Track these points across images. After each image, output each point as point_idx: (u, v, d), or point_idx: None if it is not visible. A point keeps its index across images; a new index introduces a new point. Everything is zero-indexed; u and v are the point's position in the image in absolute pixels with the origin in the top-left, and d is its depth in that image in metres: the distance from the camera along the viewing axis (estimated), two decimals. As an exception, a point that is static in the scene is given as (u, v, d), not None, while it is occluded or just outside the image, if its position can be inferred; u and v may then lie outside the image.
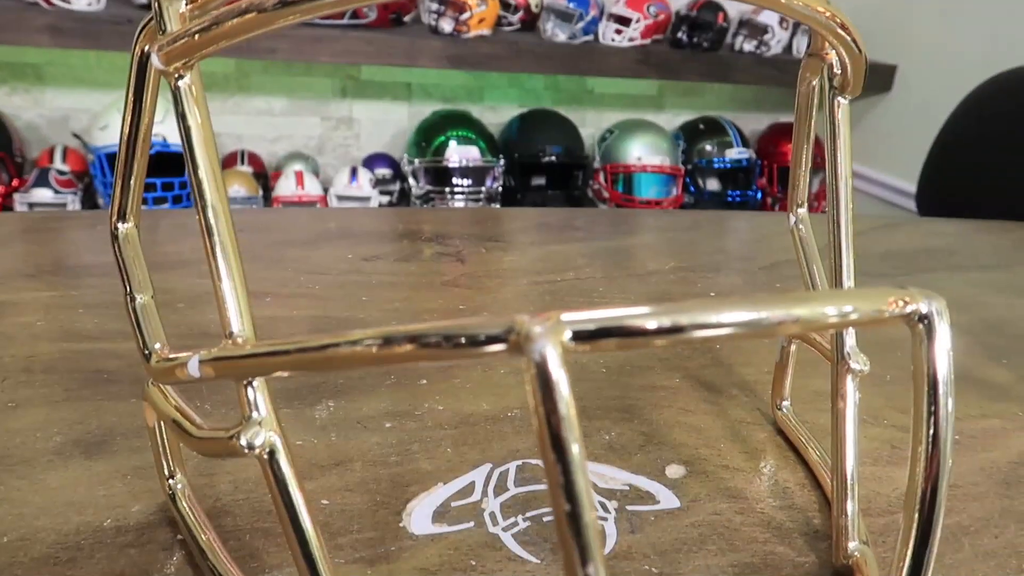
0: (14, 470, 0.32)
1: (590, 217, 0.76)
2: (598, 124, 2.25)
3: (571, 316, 0.18)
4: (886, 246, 0.71)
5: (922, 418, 0.22)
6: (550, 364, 0.18)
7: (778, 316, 0.19)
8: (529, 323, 0.18)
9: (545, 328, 0.18)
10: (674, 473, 0.36)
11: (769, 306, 0.20)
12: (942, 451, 0.22)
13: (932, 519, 0.23)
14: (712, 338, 0.20)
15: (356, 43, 1.75)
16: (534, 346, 0.18)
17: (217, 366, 0.24)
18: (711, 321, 0.19)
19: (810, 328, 0.21)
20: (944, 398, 0.22)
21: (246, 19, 0.22)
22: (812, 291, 0.23)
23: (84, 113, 1.90)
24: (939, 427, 0.22)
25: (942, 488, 0.22)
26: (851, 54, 0.30)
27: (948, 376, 0.22)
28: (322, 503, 0.32)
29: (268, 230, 0.62)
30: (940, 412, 0.22)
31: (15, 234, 0.60)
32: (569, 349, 0.18)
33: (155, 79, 0.27)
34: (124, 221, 0.28)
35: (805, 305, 0.21)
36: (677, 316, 0.19)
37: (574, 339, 0.18)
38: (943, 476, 0.22)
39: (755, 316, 0.19)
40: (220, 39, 0.23)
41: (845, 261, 0.33)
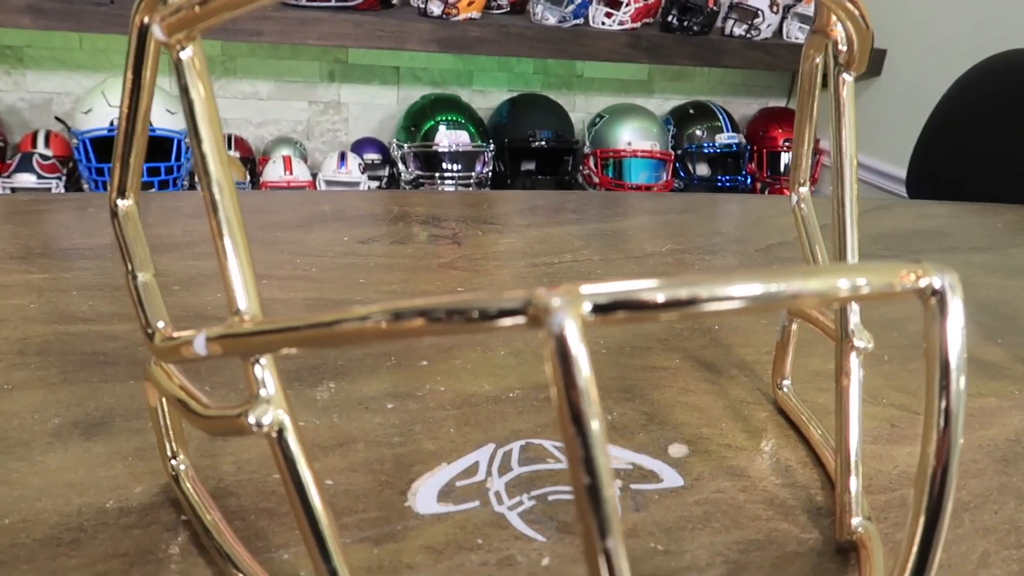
0: (12, 452, 0.32)
1: (582, 200, 0.76)
2: (588, 109, 2.24)
3: (590, 289, 0.18)
4: (879, 228, 0.71)
5: (934, 394, 0.22)
6: (569, 337, 0.17)
7: (794, 289, 0.19)
8: (547, 296, 0.18)
9: (564, 301, 0.18)
10: (677, 452, 0.36)
11: (784, 279, 0.20)
12: (954, 426, 0.22)
13: (943, 494, 0.23)
14: (728, 311, 0.20)
15: (344, 25, 1.74)
16: (553, 319, 0.17)
17: (225, 343, 0.23)
18: (728, 294, 0.19)
19: (825, 301, 0.21)
20: (957, 373, 0.22)
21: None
22: (825, 265, 0.23)
23: (67, 96, 1.87)
24: (951, 402, 0.22)
25: (953, 463, 0.22)
26: (858, 29, 0.30)
27: (961, 351, 0.22)
28: (327, 483, 0.32)
29: (261, 212, 0.61)
30: (952, 387, 0.22)
31: (3, 216, 0.59)
32: (588, 322, 0.18)
33: (155, 52, 0.26)
34: (124, 198, 0.28)
35: (819, 278, 0.21)
36: (695, 288, 0.19)
37: (593, 312, 0.18)
38: (954, 451, 0.22)
39: (771, 288, 0.19)
40: (223, 10, 0.22)
41: (850, 239, 0.33)
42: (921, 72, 1.89)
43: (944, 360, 0.22)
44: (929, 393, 0.22)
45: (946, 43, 1.82)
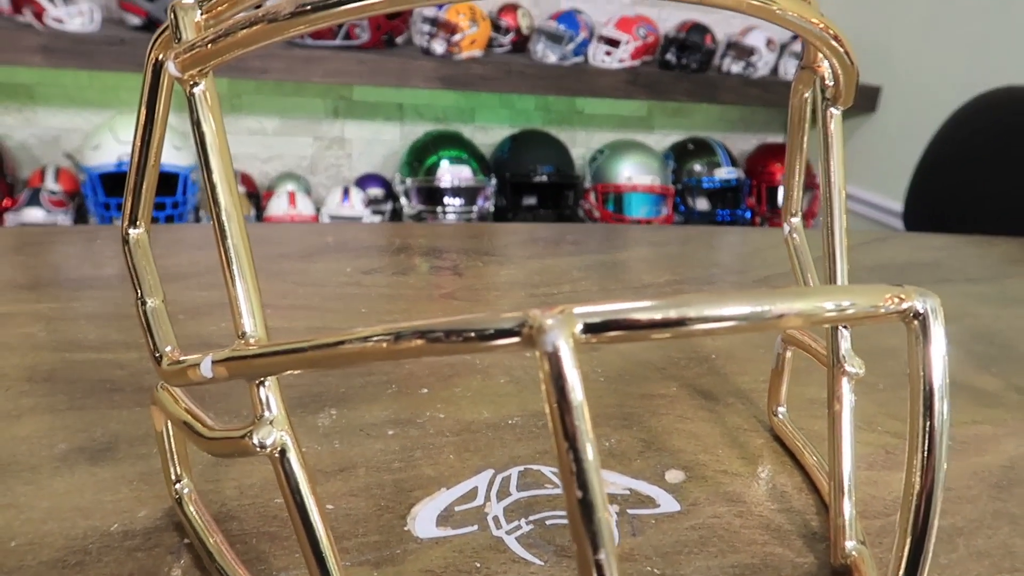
0: (20, 476, 0.33)
1: (581, 232, 0.77)
2: (588, 144, 2.27)
3: (582, 309, 0.19)
4: (876, 259, 0.72)
5: (918, 417, 0.23)
6: (563, 355, 0.18)
7: (780, 309, 0.20)
8: (541, 316, 0.19)
9: (557, 321, 0.18)
10: (674, 478, 0.37)
11: (771, 300, 0.21)
12: (938, 449, 0.23)
13: (928, 516, 0.23)
14: (718, 330, 0.21)
15: (348, 63, 1.77)
16: (546, 338, 0.18)
17: (230, 366, 0.24)
18: (716, 314, 0.20)
19: (812, 321, 0.21)
20: (940, 396, 0.23)
21: (259, 28, 0.23)
22: (812, 287, 0.24)
23: (76, 133, 1.90)
24: (935, 425, 0.23)
25: (938, 486, 0.23)
26: (843, 65, 0.31)
27: (944, 374, 0.23)
28: (327, 508, 0.32)
29: (266, 243, 0.62)
30: (935, 410, 0.23)
31: (12, 247, 0.60)
32: (580, 341, 0.19)
33: (168, 87, 0.27)
34: (135, 227, 0.29)
35: (807, 299, 0.22)
36: (684, 309, 0.20)
37: (585, 331, 0.19)
38: (939, 474, 0.23)
39: (758, 309, 0.20)
40: (234, 47, 0.24)
41: (840, 267, 0.34)
42: (915, 108, 1.92)
43: (927, 383, 0.23)
44: (913, 416, 0.23)
45: (939, 80, 1.85)
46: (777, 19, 0.26)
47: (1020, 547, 0.34)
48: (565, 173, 2.11)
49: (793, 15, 0.26)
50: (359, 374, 0.43)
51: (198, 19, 0.25)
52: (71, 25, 1.60)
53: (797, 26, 0.27)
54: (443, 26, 1.84)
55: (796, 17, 0.27)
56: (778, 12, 0.26)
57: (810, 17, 0.27)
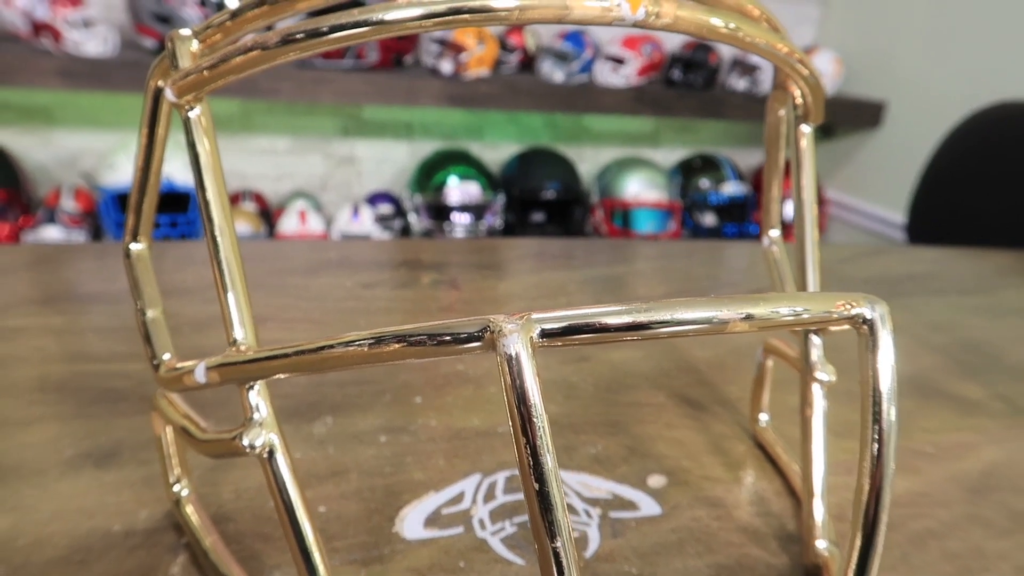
0: (29, 480, 0.34)
1: (582, 247, 0.78)
2: (596, 161, 2.29)
3: (540, 315, 0.20)
4: (870, 272, 0.73)
5: (868, 421, 0.24)
6: (520, 358, 0.20)
7: (732, 314, 0.22)
8: (502, 322, 0.20)
9: (516, 326, 0.20)
10: (656, 483, 0.38)
11: (726, 305, 0.22)
12: (886, 451, 0.24)
13: (877, 513, 0.24)
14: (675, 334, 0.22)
15: (357, 84, 1.80)
16: (506, 341, 0.20)
17: (222, 371, 0.26)
18: (670, 318, 0.21)
19: (765, 326, 0.23)
20: (888, 400, 0.24)
21: (251, 56, 0.24)
22: (767, 294, 0.25)
23: (92, 153, 1.94)
24: (883, 428, 0.24)
25: (886, 485, 0.24)
26: (810, 86, 0.32)
27: (892, 379, 0.24)
28: (319, 510, 0.34)
29: (271, 259, 0.64)
30: (883, 414, 0.24)
31: (27, 264, 0.62)
32: (538, 345, 0.20)
33: (167, 112, 0.29)
34: (137, 242, 0.31)
35: (763, 305, 0.23)
36: (638, 315, 0.21)
37: (543, 336, 0.20)
38: (887, 474, 0.24)
39: (712, 314, 0.22)
40: (227, 74, 0.25)
41: (810, 277, 0.35)
42: (922, 122, 1.92)
43: (876, 388, 0.24)
44: (863, 420, 0.24)
45: (946, 94, 1.86)
46: (746, 46, 0.28)
47: (991, 548, 0.35)
48: (572, 189, 2.12)
49: (761, 42, 0.28)
50: (355, 383, 0.45)
51: (194, 49, 0.27)
52: (88, 48, 1.64)
53: (765, 52, 0.29)
54: (451, 46, 1.87)
55: (764, 44, 0.28)
56: (747, 40, 0.28)
57: (775, 43, 0.29)
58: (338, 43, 0.24)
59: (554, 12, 0.23)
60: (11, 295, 0.55)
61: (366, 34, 0.24)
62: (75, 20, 1.63)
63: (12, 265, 0.62)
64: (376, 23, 0.23)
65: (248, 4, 0.26)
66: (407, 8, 0.23)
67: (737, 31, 0.27)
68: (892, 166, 2.04)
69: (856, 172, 2.20)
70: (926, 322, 0.61)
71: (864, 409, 0.24)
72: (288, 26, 0.24)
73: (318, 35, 0.23)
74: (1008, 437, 0.45)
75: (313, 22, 0.23)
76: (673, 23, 0.25)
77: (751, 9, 0.30)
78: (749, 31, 0.28)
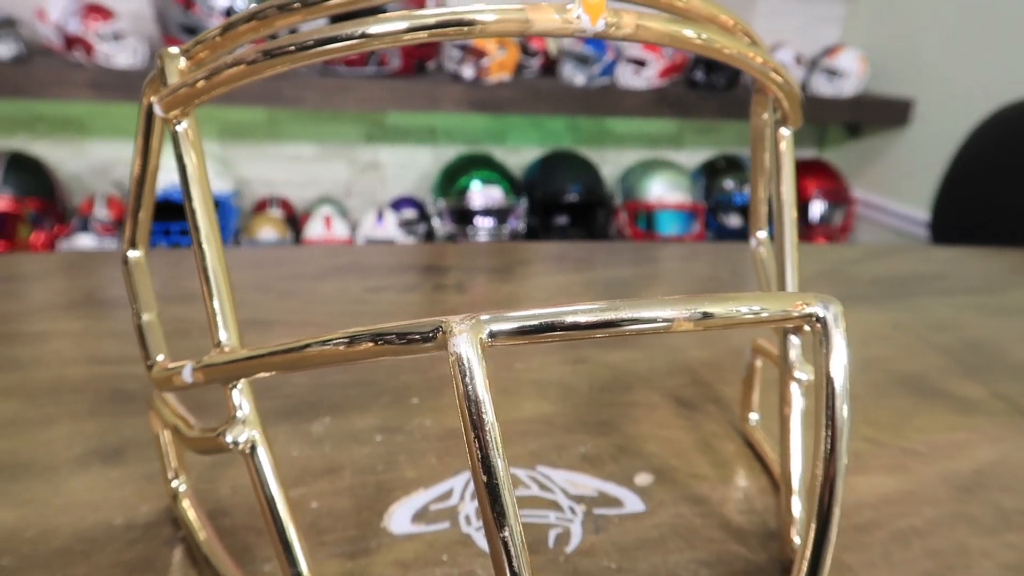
0: (40, 476, 0.36)
1: (594, 250, 0.79)
2: (619, 163, 2.29)
3: (489, 316, 0.21)
4: (877, 272, 0.73)
5: (821, 418, 0.24)
6: (469, 358, 0.21)
7: (686, 313, 0.22)
8: (453, 323, 0.21)
9: (466, 327, 0.21)
10: (642, 481, 0.39)
11: (683, 304, 0.23)
12: (839, 447, 0.24)
13: (831, 506, 0.25)
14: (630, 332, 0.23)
15: (380, 90, 1.82)
16: (455, 341, 0.21)
17: (206, 371, 0.27)
18: (622, 318, 0.22)
19: (722, 325, 0.24)
20: (840, 398, 0.24)
21: (235, 71, 0.26)
22: (726, 294, 0.25)
23: (124, 162, 1.99)
24: (836, 426, 0.24)
25: (839, 473, 0.24)
26: (786, 92, 0.33)
27: (844, 377, 0.24)
28: (312, 506, 0.35)
29: (284, 264, 0.66)
30: (836, 412, 0.24)
31: (54, 271, 0.64)
32: (487, 345, 0.21)
33: (160, 126, 0.31)
34: (134, 249, 0.32)
35: (723, 304, 0.24)
36: (587, 316, 0.22)
37: (492, 336, 0.21)
38: (839, 469, 0.24)
39: (667, 312, 0.22)
40: (212, 88, 0.27)
41: (789, 278, 0.36)
42: (949, 120, 1.89)
43: (829, 385, 0.24)
44: (816, 417, 0.25)
45: (972, 91, 1.83)
46: (724, 57, 0.29)
47: (975, 546, 0.35)
48: (595, 192, 2.13)
49: (736, 52, 0.29)
50: (356, 384, 0.46)
51: (182, 66, 0.28)
52: (119, 61, 1.69)
53: (740, 62, 0.29)
54: (472, 51, 1.89)
55: (738, 55, 0.29)
56: (726, 52, 0.28)
57: (748, 53, 0.30)
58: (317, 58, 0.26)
59: (516, 26, 0.25)
60: (36, 301, 0.57)
61: (344, 48, 0.25)
62: (106, 33, 1.68)
63: (40, 272, 0.64)
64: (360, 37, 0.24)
65: (235, 20, 0.27)
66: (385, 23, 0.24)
67: (711, 42, 0.28)
68: (920, 164, 2.01)
69: (883, 171, 2.18)
70: (930, 322, 0.61)
71: (817, 407, 0.25)
72: (275, 40, 0.25)
73: (304, 48, 0.25)
74: (1004, 436, 0.45)
75: (298, 36, 0.24)
76: (634, 33, 0.26)
77: (725, 20, 0.31)
78: (722, 41, 0.28)
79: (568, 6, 0.25)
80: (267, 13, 0.27)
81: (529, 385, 0.48)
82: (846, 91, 2.03)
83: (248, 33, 0.28)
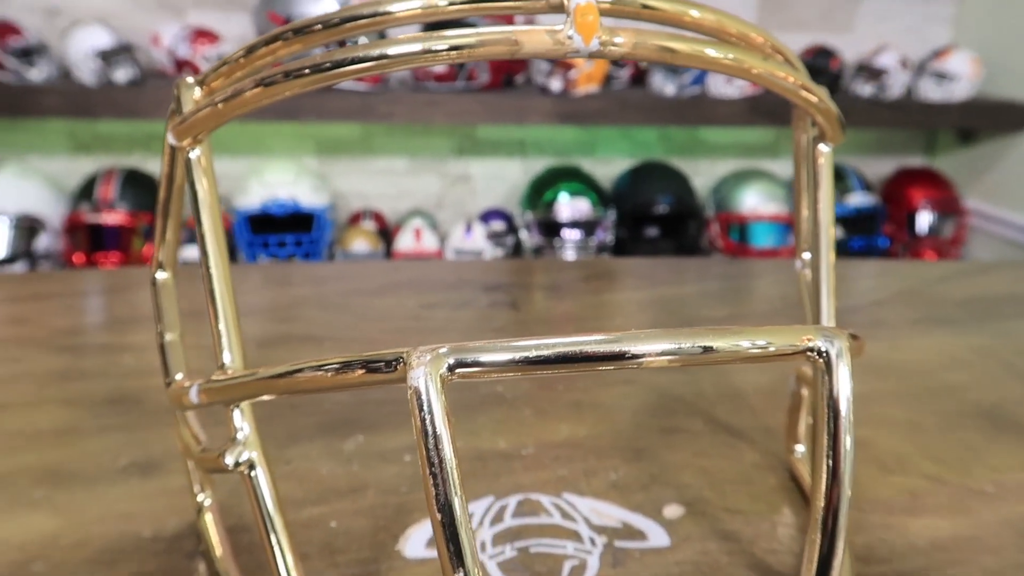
0: (84, 484, 0.38)
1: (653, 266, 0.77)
2: (712, 173, 2.23)
3: (448, 349, 0.21)
4: (967, 292, 0.67)
5: (822, 452, 0.23)
6: (426, 391, 0.20)
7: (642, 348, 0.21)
8: (413, 354, 0.21)
9: (426, 359, 0.21)
10: (671, 513, 0.37)
11: (682, 338, 0.22)
12: (842, 482, 0.23)
13: (835, 534, 0.23)
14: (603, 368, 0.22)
15: (468, 104, 1.85)
16: (414, 373, 0.20)
17: (208, 393, 0.28)
18: (594, 352, 0.21)
19: (726, 360, 0.22)
20: (844, 431, 0.23)
21: (244, 97, 0.26)
22: (732, 327, 0.24)
23: (229, 178, 2.09)
24: (838, 460, 0.23)
25: (843, 505, 0.23)
26: (820, 110, 0.31)
27: (847, 412, 0.23)
28: (331, 525, 0.36)
29: (342, 280, 0.68)
30: (840, 446, 0.23)
31: (119, 288, 0.68)
32: (447, 379, 0.21)
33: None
34: (163, 271, 0.34)
35: (727, 338, 0.23)
36: (554, 349, 0.21)
37: (453, 368, 0.21)
38: (843, 496, 0.23)
39: (655, 347, 0.21)
40: (221, 116, 0.28)
41: (824, 305, 0.33)
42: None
43: (832, 419, 0.23)
44: (817, 450, 0.23)
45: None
46: (752, 77, 0.28)
47: (1036, 603, 0.32)
48: (686, 203, 2.08)
49: (763, 71, 0.28)
50: (394, 402, 0.47)
51: (196, 96, 0.29)
52: (223, 82, 1.78)
53: (770, 83, 0.28)
54: (560, 64, 1.89)
55: (767, 74, 0.28)
56: (754, 72, 0.27)
57: (776, 72, 0.28)
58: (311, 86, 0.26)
59: (504, 48, 0.24)
60: (109, 314, 0.60)
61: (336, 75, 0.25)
62: (212, 56, 1.77)
63: (119, 286, 0.68)
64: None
65: (256, 43, 0.28)
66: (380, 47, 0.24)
67: (742, 62, 0.27)
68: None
69: (999, 179, 2.03)
70: (1019, 347, 0.56)
71: (818, 436, 0.23)
72: (290, 63, 0.26)
73: (319, 71, 0.25)
74: (1089, 479, 0.40)
75: (316, 59, 0.25)
76: (632, 51, 0.25)
77: (754, 37, 0.29)
78: (751, 62, 0.27)
79: (558, 26, 0.24)
80: (286, 36, 0.27)
81: (568, 407, 0.47)
82: (957, 95, 1.91)
83: (267, 56, 0.28)
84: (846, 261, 0.73)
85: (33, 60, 1.75)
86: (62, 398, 0.47)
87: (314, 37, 0.27)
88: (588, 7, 0.25)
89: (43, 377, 0.49)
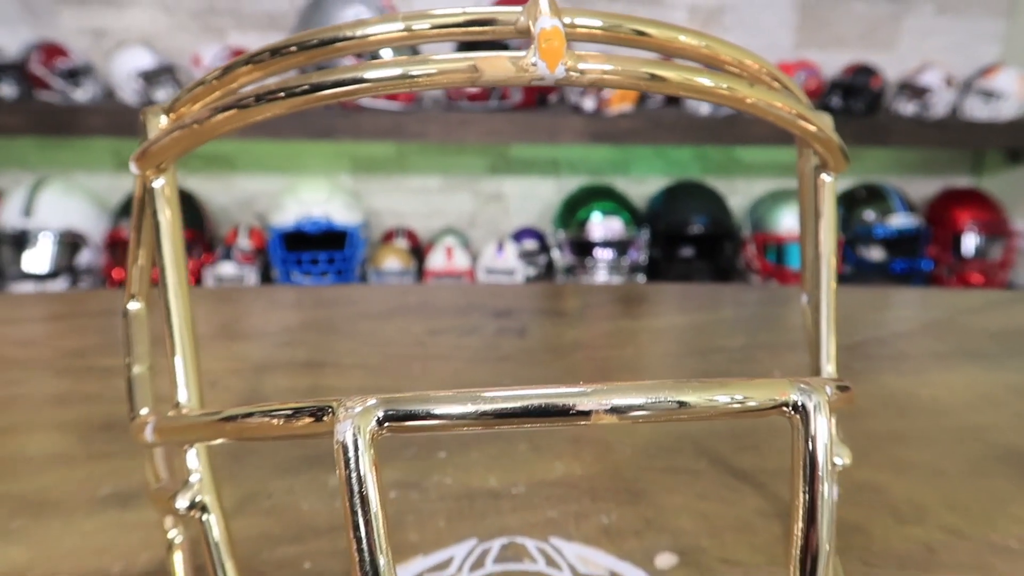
0: (60, 515, 0.37)
1: (668, 292, 0.75)
2: (748, 193, 2.19)
3: (377, 401, 0.19)
4: (1003, 323, 0.64)
5: (798, 510, 0.21)
6: (355, 446, 0.19)
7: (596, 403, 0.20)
8: (342, 406, 0.19)
9: (355, 412, 0.19)
10: (664, 563, 0.35)
11: (656, 391, 0.20)
12: (820, 541, 0.21)
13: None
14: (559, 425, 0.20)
15: (501, 123, 1.85)
16: (340, 427, 0.19)
17: (161, 432, 0.27)
18: (531, 407, 0.20)
19: (709, 415, 0.21)
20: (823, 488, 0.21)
21: (211, 122, 0.25)
22: (715, 380, 0.22)
23: (265, 195, 2.12)
24: (816, 523, 0.21)
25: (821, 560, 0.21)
26: (818, 140, 0.29)
27: (824, 469, 0.21)
28: (304, 566, 0.34)
29: (349, 304, 0.67)
30: (817, 504, 0.21)
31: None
32: (375, 434, 0.19)
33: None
34: (135, 301, 0.33)
35: (699, 393, 0.21)
36: (496, 404, 0.20)
37: (383, 422, 0.19)
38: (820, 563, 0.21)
39: (626, 401, 0.20)
40: (184, 143, 0.27)
41: (824, 344, 0.31)
42: None
43: (808, 477, 0.21)
44: (793, 509, 0.21)
45: None
46: (746, 107, 0.26)
47: None
48: (721, 223, 2.04)
49: (757, 101, 0.26)
50: (387, 434, 0.45)
51: (162, 123, 0.29)
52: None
53: (766, 112, 0.27)
54: (593, 83, 1.88)
55: (763, 104, 0.26)
56: (748, 102, 0.26)
57: (773, 101, 0.26)
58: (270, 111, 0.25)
59: (464, 76, 0.23)
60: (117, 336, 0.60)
61: (304, 102, 0.24)
62: (248, 77, 1.80)
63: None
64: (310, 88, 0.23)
65: (234, 63, 0.27)
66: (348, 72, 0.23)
67: (736, 91, 0.25)
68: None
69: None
70: (1055, 387, 0.52)
71: (793, 494, 0.21)
72: (259, 86, 0.25)
73: (293, 95, 0.24)
74: None
75: (290, 81, 0.24)
76: (605, 78, 0.24)
77: (750, 64, 0.28)
78: (745, 91, 0.26)
79: (522, 52, 0.23)
80: (261, 58, 0.26)
81: (566, 443, 0.45)
82: (1004, 113, 1.85)
83: (242, 78, 0.27)
84: (875, 289, 0.70)
85: (79, 81, 1.79)
86: (56, 423, 0.47)
87: (290, 60, 0.26)
88: (553, 32, 0.23)
89: (40, 401, 0.49)
